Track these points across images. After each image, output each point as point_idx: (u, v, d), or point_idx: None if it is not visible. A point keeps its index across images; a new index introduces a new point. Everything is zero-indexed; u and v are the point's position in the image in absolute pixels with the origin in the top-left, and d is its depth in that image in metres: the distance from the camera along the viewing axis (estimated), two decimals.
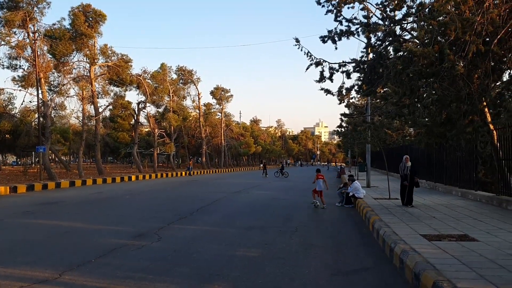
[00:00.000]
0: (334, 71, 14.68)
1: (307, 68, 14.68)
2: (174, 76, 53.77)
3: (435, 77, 9.96)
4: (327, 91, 15.36)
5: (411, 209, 12.83)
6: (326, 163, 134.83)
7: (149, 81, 41.93)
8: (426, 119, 11.32)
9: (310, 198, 18.93)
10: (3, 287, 5.61)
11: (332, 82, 15.08)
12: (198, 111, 60.08)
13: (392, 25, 13.13)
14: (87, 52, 32.79)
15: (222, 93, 64.69)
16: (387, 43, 13.39)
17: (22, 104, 35.04)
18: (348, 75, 14.94)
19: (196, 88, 58.21)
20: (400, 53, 11.29)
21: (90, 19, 32.50)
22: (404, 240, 7.86)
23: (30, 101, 31.86)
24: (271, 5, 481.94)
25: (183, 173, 46.19)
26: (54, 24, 31.19)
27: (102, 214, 13.40)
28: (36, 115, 36.83)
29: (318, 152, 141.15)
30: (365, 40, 14.05)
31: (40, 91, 27.97)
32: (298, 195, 20.40)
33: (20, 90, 31.22)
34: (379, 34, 13.36)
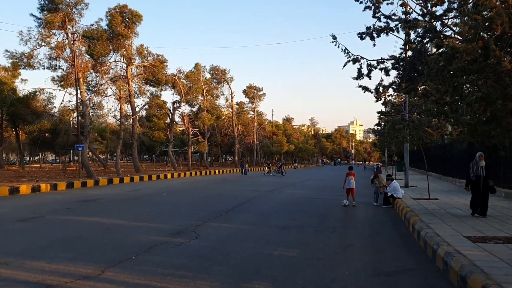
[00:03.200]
0: (372, 68, 14.39)
1: (344, 65, 14.42)
2: (208, 76, 54.23)
3: (480, 73, 9.59)
4: (365, 88, 15.08)
5: (454, 210, 12.44)
6: (361, 162, 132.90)
7: (183, 80, 42.40)
8: (469, 117, 10.93)
9: (343, 197, 18.71)
10: (49, 282, 5.74)
11: (370, 79, 14.78)
12: (231, 110, 60.38)
13: (432, 20, 12.75)
14: (124, 52, 33.44)
15: (255, 91, 64.75)
16: (427, 40, 13.02)
17: (61, 103, 36.05)
18: (387, 72, 14.62)
19: (229, 87, 58.55)
20: (441, 50, 10.94)
21: (127, 19, 33.09)
22: (447, 242, 7.62)
23: (69, 101, 32.76)
24: (303, 2, 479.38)
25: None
26: (92, 25, 31.99)
27: (140, 211, 13.61)
28: (75, 114, 37.95)
29: (353, 151, 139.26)
30: (403, 37, 13.72)
31: (79, 91, 28.70)
32: (333, 195, 20.11)
33: (59, 90, 32.20)
34: (419, 30, 13.01)
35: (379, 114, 34.92)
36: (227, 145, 67.03)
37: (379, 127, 55.63)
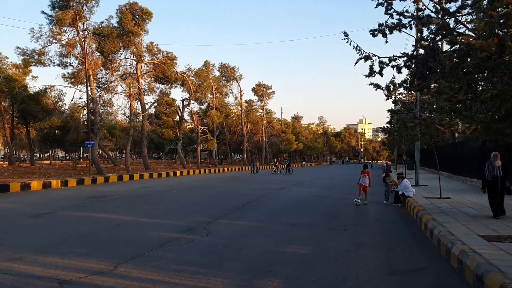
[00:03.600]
0: (384, 66, 14.28)
1: (356, 62, 14.32)
2: (217, 73, 54.23)
3: (495, 71, 9.46)
4: (377, 86, 14.97)
5: (467, 209, 12.31)
6: (370, 161, 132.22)
7: (192, 78, 42.46)
8: (483, 115, 10.79)
9: (353, 196, 18.59)
10: (62, 277, 5.75)
11: (382, 76, 14.67)
12: (239, 108, 60.36)
13: (446, 17, 12.61)
14: (134, 49, 33.55)
15: (264, 89, 64.71)
16: (439, 37, 12.89)
17: (72, 100, 36.31)
18: (399, 70, 14.51)
19: (239, 85, 58.53)
20: (455, 47, 10.81)
21: (137, 17, 33.20)
22: (461, 240, 7.52)
23: (80, 98, 32.94)
24: (312, 0, 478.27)
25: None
26: (102, 22, 32.14)
27: (151, 208, 13.64)
28: (85, 111, 38.14)
29: (362, 150, 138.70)
30: (415, 34, 13.60)
31: (89, 88, 28.83)
32: (343, 193, 20.06)
33: (70, 87, 32.38)
34: (432, 27, 12.87)
35: (389, 112, 34.63)
36: (235, 143, 67.06)
37: (389, 126, 55.43)
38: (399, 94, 33.61)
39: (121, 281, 5.63)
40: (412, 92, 20.60)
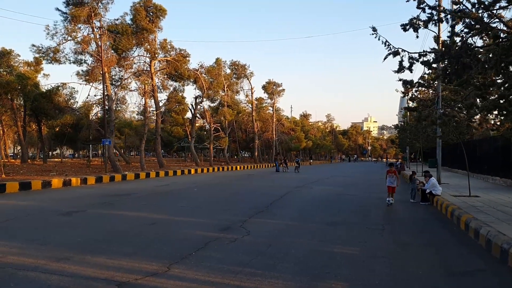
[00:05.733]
0: (414, 61, 14.01)
1: (385, 58, 14.09)
2: (228, 71, 53.97)
3: None
4: (406, 82, 14.73)
5: (504, 207, 12.02)
6: (375, 159, 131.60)
7: (204, 75, 42.23)
8: None
9: (375, 194, 18.50)
10: (117, 278, 5.56)
11: (411, 72, 14.44)
12: (250, 106, 60.08)
13: (481, 11, 12.31)
14: (148, 47, 33.34)
15: (274, 87, 64.35)
16: (474, 31, 12.58)
17: (87, 97, 36.22)
18: (429, 66, 14.23)
19: (249, 82, 58.25)
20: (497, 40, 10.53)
21: (151, 13, 32.98)
22: None
23: (95, 95, 32.80)
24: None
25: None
26: (117, 19, 31.98)
27: (178, 206, 13.46)
28: (97, 109, 38.08)
29: (369, 148, 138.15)
30: (442, 30, 13.30)
31: (105, 85, 28.69)
32: (362, 191, 19.88)
33: (85, 84, 32.27)
34: (467, 21, 12.58)
35: (405, 110, 34.36)
36: (245, 141, 66.83)
37: (401, 123, 54.95)
38: (416, 91, 33.25)
39: (180, 283, 5.44)
40: (448, 86, 20.00)
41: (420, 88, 34.36)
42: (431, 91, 36.08)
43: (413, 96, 31.55)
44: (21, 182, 17.57)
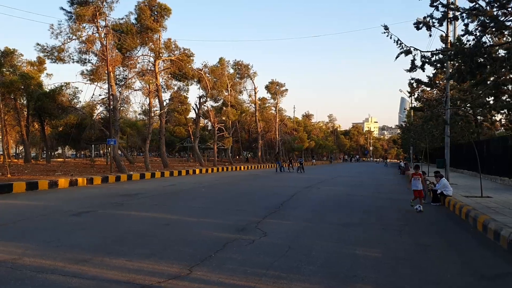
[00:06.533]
0: (427, 60, 13.85)
1: (396, 57, 13.95)
2: (231, 71, 53.78)
3: None
4: (418, 81, 14.54)
5: None
6: (377, 159, 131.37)
7: (208, 75, 42.05)
8: None
9: (384, 194, 18.41)
10: (140, 281, 5.40)
11: (423, 71, 14.30)
12: (253, 106, 59.90)
13: (495, 10, 12.16)
14: (152, 46, 33.17)
15: (277, 87, 64.16)
16: (489, 30, 12.42)
17: (92, 97, 36.08)
18: (442, 65, 14.06)
19: (253, 82, 58.06)
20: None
21: (155, 13, 32.78)
22: None
23: (100, 95, 32.65)
24: None
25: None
26: (121, 19, 31.77)
27: (189, 206, 13.30)
28: (101, 109, 37.90)
29: (371, 148, 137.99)
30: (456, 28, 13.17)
31: (110, 85, 28.52)
32: (371, 191, 19.77)
33: (89, 83, 32.10)
34: (482, 19, 12.41)
35: (411, 110, 34.23)
36: (248, 141, 66.65)
37: (405, 123, 54.75)
38: (422, 91, 33.12)
39: (204, 286, 5.27)
40: (457, 85, 19.83)
41: (425, 88, 34.27)
42: (435, 91, 36.03)
43: (419, 96, 31.37)
44: (28, 182, 17.40)
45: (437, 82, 22.88)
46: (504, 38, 12.46)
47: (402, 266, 6.50)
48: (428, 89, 33.29)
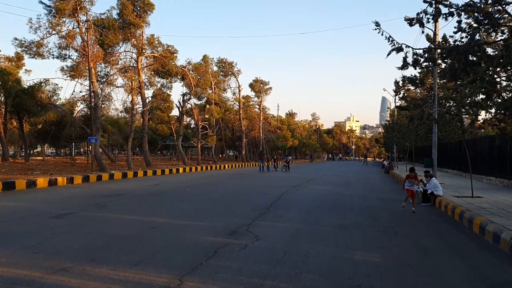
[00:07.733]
0: (419, 58, 13.59)
1: (388, 54, 13.65)
2: (215, 68, 53.15)
3: None
4: (410, 79, 14.24)
5: None
6: (360, 158, 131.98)
7: (191, 73, 41.38)
8: None
9: (373, 194, 18.21)
10: None
11: (415, 69, 14.06)
12: (237, 104, 59.35)
13: (492, 6, 11.93)
14: (135, 42, 32.39)
15: (261, 85, 63.72)
16: (483, 27, 12.20)
17: (72, 94, 35.06)
18: (434, 62, 13.82)
19: (237, 80, 57.49)
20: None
21: (138, 8, 31.98)
22: None
23: (81, 91, 31.76)
24: None
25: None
26: (103, 14, 30.93)
27: (176, 207, 12.78)
28: (82, 106, 36.95)
29: (354, 147, 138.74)
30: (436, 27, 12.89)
31: (91, 81, 27.70)
32: (359, 190, 19.61)
33: (70, 80, 31.20)
34: (476, 15, 12.18)
35: (395, 109, 34.18)
36: (231, 140, 66.09)
37: (388, 122, 54.91)
38: (407, 90, 33.05)
39: None
40: (444, 84, 19.70)
41: (410, 87, 34.26)
42: (418, 91, 36.09)
43: (405, 95, 31.31)
44: (4, 182, 16.62)
45: (424, 80, 22.74)
46: (498, 35, 12.24)
47: (406, 272, 6.15)
48: (412, 88, 33.34)
